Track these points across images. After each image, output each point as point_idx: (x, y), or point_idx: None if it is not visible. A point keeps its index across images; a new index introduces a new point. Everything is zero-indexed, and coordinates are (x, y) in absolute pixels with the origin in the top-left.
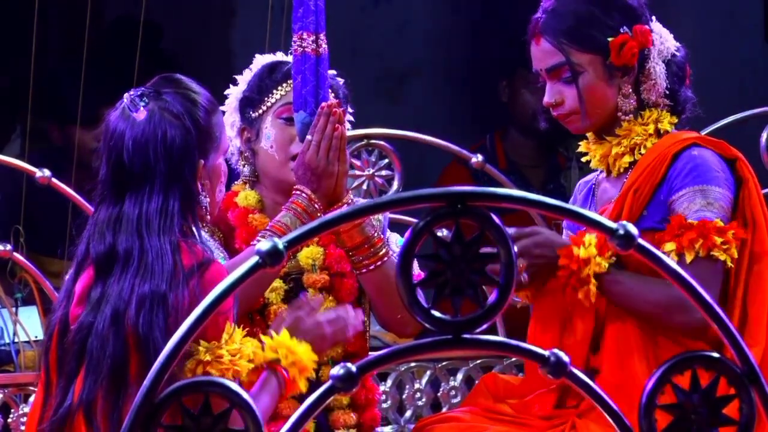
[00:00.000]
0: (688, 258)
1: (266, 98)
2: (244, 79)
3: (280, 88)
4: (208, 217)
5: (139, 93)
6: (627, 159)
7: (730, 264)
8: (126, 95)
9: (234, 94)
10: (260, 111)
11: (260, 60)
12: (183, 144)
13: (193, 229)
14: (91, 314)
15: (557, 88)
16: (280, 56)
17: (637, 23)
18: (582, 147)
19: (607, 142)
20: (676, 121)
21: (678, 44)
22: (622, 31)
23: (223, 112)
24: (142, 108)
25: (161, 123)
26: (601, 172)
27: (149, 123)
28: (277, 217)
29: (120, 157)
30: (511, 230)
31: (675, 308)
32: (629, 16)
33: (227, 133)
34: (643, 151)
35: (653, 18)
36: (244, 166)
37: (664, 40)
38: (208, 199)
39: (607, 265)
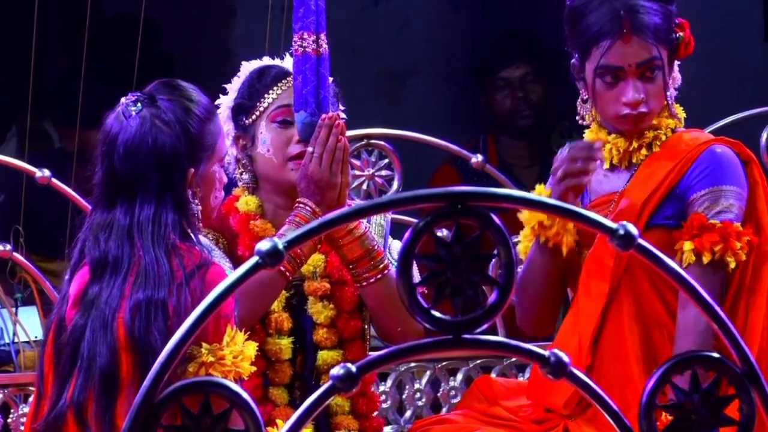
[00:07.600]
0: (705, 259)
1: (258, 103)
2: (234, 87)
3: (271, 91)
4: (200, 225)
5: (134, 98)
6: (644, 152)
7: (732, 266)
8: (123, 99)
9: (225, 103)
10: (253, 117)
11: (247, 66)
12: (173, 152)
13: (190, 232)
14: (83, 317)
15: (640, 85)
16: (267, 60)
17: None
18: (587, 135)
19: (627, 136)
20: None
21: None
22: (677, 24)
23: None
24: (134, 114)
25: (152, 130)
26: None
27: (140, 130)
28: (281, 231)
29: (112, 162)
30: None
31: None
32: (677, 8)
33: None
34: (658, 142)
35: None
36: (242, 174)
37: None
38: (199, 207)
39: None
